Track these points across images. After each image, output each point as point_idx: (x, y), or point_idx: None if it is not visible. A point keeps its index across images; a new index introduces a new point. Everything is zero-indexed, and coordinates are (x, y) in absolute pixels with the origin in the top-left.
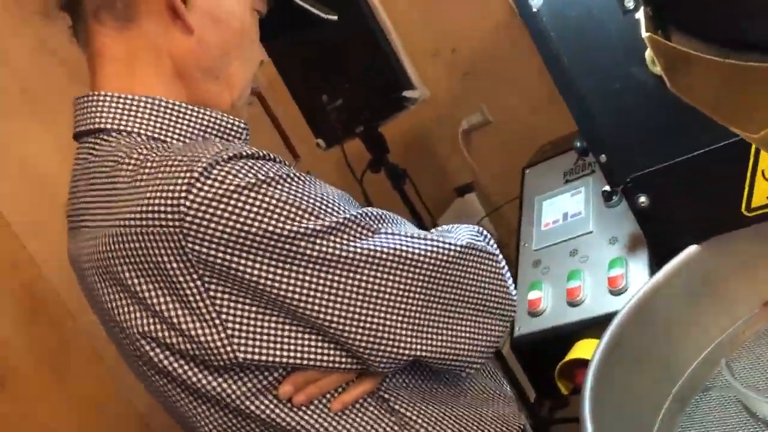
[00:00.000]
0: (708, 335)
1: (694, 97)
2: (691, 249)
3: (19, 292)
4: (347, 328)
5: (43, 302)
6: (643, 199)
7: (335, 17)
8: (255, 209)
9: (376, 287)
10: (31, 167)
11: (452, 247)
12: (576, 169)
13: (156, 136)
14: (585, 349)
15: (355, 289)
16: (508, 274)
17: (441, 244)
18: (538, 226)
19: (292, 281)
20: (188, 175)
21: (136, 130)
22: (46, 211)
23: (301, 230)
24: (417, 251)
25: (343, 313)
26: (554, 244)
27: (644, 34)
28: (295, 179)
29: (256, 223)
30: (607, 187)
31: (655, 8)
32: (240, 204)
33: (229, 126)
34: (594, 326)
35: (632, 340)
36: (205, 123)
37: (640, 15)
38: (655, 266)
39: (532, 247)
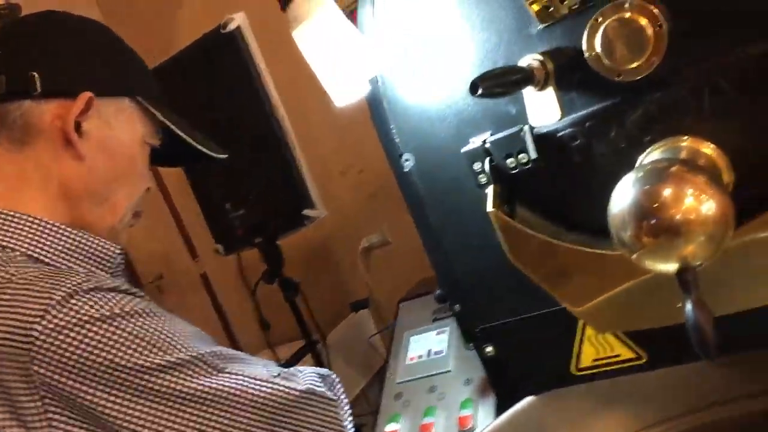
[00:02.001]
0: None
1: (530, 270)
2: (528, 400)
3: None
4: None
5: None
6: (489, 348)
7: (225, 156)
8: (105, 340)
9: (211, 425)
10: None
11: (292, 391)
12: (444, 309)
13: (31, 253)
14: None
15: (190, 424)
16: (348, 420)
17: (282, 388)
18: (404, 359)
19: (132, 412)
20: (46, 301)
21: (11, 245)
22: None
23: (146, 364)
24: (257, 393)
25: None
26: (416, 379)
27: (489, 209)
28: (149, 315)
29: (104, 354)
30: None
31: (503, 186)
32: (90, 334)
33: (104, 251)
34: None
35: None
36: (81, 246)
37: (489, 191)
38: (499, 411)
39: (396, 380)
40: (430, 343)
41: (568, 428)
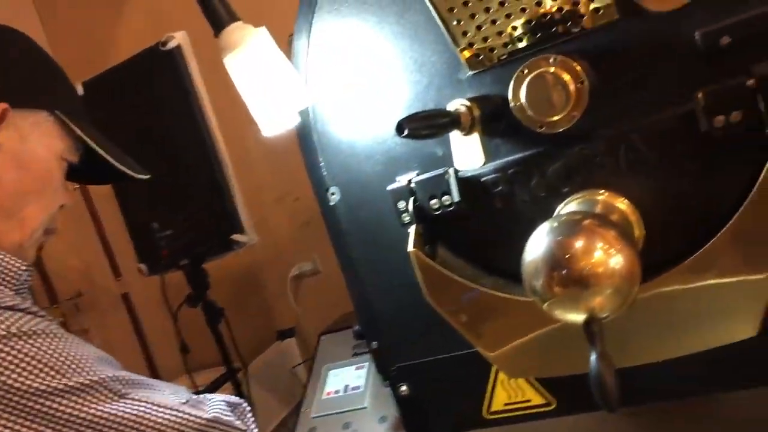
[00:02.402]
0: None
1: (446, 312)
2: None
3: None
4: None
5: None
6: (404, 387)
7: (147, 177)
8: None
9: None
10: None
11: (197, 419)
12: (364, 344)
13: None
14: None
15: None
16: None
17: (186, 416)
18: (321, 393)
19: None
20: None
21: None
22: None
23: (42, 387)
24: (159, 420)
25: None
26: (331, 414)
27: (409, 248)
28: (49, 336)
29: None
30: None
31: (426, 227)
32: None
33: (9, 268)
34: None
35: None
36: None
37: (411, 230)
38: None
39: (311, 414)
40: (348, 378)
41: None
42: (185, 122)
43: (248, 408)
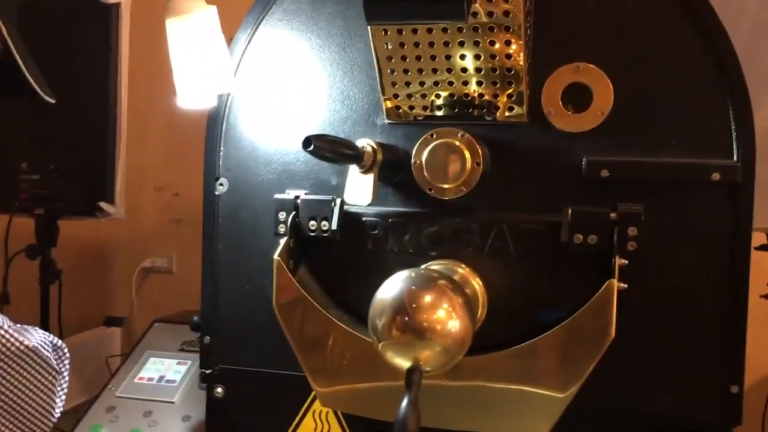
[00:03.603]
0: None
1: (289, 328)
2: None
3: None
4: None
5: None
6: (219, 390)
7: (53, 101)
8: None
9: None
10: None
11: (16, 343)
12: (195, 343)
13: None
14: None
15: None
16: (62, 395)
17: (6, 335)
18: (134, 376)
19: None
20: None
21: None
22: None
23: None
24: None
25: None
26: (136, 398)
27: (275, 255)
28: None
29: None
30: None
31: (296, 243)
32: None
33: None
34: None
35: None
36: None
37: (282, 241)
38: None
39: (115, 393)
40: (166, 369)
41: None
42: (97, 77)
43: (67, 353)
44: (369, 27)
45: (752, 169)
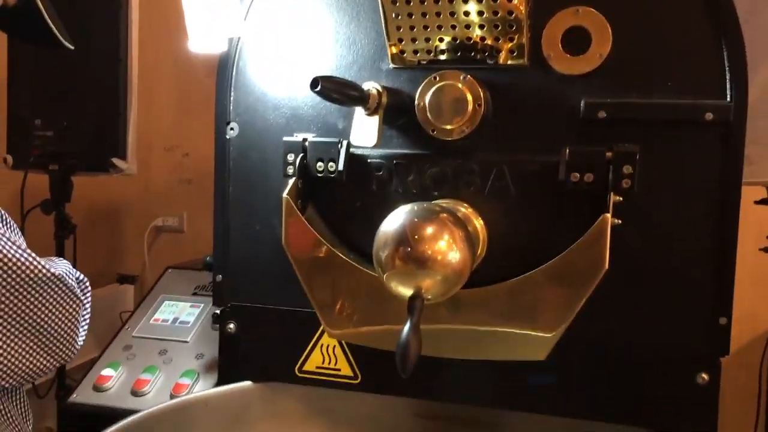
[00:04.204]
0: None
1: (298, 264)
2: (242, 384)
3: None
4: None
5: None
6: (232, 325)
7: (72, 47)
8: None
9: None
10: None
11: (44, 270)
12: (207, 287)
13: None
14: None
15: None
16: (84, 323)
17: (35, 262)
18: (149, 318)
19: None
20: None
21: None
22: None
23: None
24: (9, 256)
25: None
26: (152, 338)
27: (284, 194)
28: None
29: None
30: (218, 311)
31: (305, 183)
32: None
33: None
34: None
35: None
36: None
37: (291, 181)
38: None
39: (132, 333)
40: (180, 312)
41: (271, 423)
42: (108, 34)
43: (89, 287)
44: None
45: (744, 109)
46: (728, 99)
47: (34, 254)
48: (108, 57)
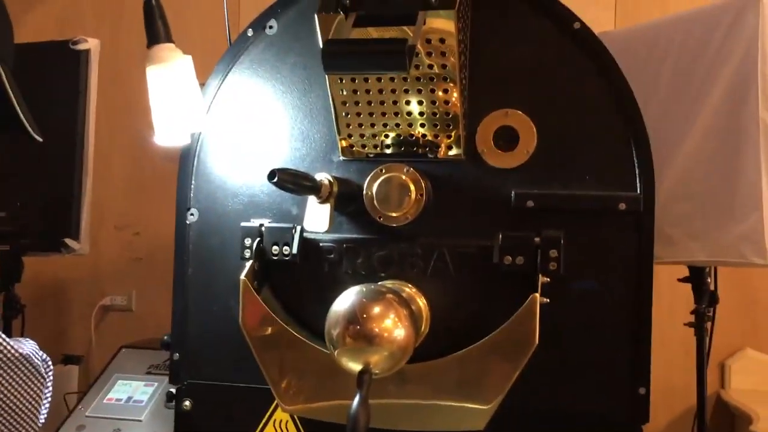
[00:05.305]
0: None
1: (252, 339)
2: None
3: None
4: None
5: None
6: (187, 403)
7: (40, 140)
8: None
9: None
10: None
11: (12, 350)
12: (162, 366)
13: None
14: None
15: None
16: (46, 403)
17: (4, 343)
18: (103, 397)
19: None
20: None
21: None
22: None
23: None
24: None
25: None
26: (105, 417)
27: (242, 276)
28: None
29: None
30: (172, 389)
31: (260, 266)
32: None
33: None
34: None
35: None
36: None
37: (248, 264)
38: None
39: (85, 413)
40: (134, 391)
41: None
42: (65, 118)
43: (51, 366)
44: (327, 76)
45: (652, 199)
46: (638, 191)
47: (2, 335)
48: (64, 138)
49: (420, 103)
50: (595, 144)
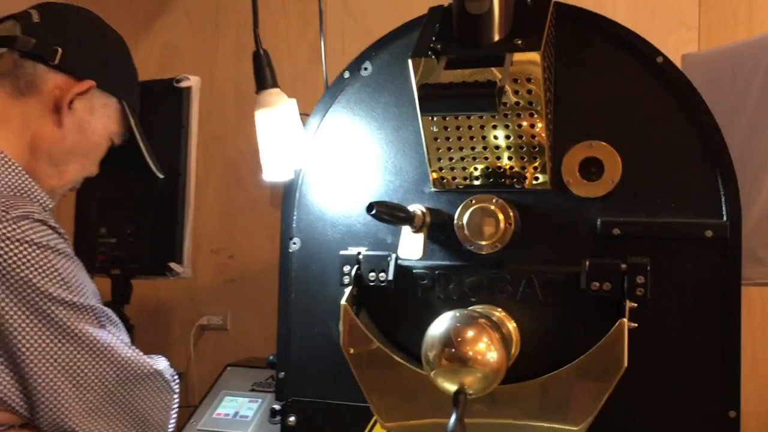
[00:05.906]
0: None
1: (353, 362)
2: None
3: None
4: (38, 376)
5: None
6: (292, 419)
7: (161, 176)
8: (33, 262)
9: (76, 360)
10: None
11: (147, 366)
12: (265, 383)
13: None
14: None
15: (66, 352)
16: (174, 414)
17: (142, 359)
18: (212, 412)
19: (25, 324)
20: (1, 214)
21: None
22: None
23: (54, 293)
24: (122, 354)
25: (42, 364)
26: (215, 431)
27: (342, 302)
28: (70, 258)
29: (26, 271)
30: (276, 405)
31: (359, 291)
32: (24, 253)
33: (43, 201)
34: None
35: None
36: (27, 189)
37: (347, 290)
38: None
39: (197, 426)
40: (240, 407)
41: None
42: (170, 151)
43: (178, 380)
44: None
45: (739, 227)
46: (724, 218)
47: (139, 351)
48: (168, 169)
49: (507, 136)
50: (679, 173)
